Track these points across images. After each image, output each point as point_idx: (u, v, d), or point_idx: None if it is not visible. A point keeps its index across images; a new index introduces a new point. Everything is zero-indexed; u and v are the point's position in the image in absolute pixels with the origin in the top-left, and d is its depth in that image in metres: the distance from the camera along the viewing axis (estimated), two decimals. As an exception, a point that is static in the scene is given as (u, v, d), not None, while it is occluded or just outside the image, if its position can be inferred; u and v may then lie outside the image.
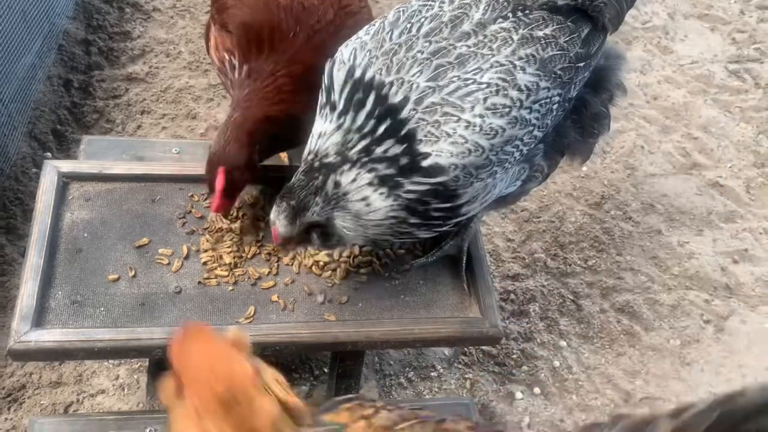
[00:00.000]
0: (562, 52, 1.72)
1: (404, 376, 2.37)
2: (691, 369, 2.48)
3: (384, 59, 1.65)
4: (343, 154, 1.64)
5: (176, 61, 3.20)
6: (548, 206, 2.91)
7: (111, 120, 2.94)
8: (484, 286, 1.97)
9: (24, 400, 2.14)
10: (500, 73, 1.63)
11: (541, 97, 1.68)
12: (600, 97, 1.96)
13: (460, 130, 1.60)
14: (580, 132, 1.94)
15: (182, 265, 1.88)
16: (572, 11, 1.79)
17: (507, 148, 1.67)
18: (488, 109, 1.61)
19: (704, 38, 3.77)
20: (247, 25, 2.01)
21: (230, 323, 1.79)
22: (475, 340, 2.05)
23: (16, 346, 1.66)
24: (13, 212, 2.57)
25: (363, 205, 1.66)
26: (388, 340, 1.86)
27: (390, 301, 1.92)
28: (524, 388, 2.38)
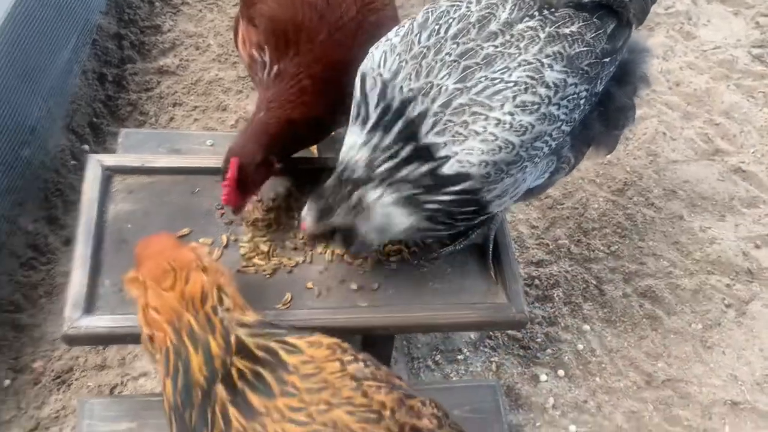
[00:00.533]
0: (589, 49, 1.76)
1: (432, 359, 2.45)
2: (712, 352, 2.54)
3: (413, 63, 1.70)
4: (370, 171, 1.72)
5: (206, 54, 3.28)
6: (572, 193, 2.96)
7: (144, 112, 3.04)
8: (510, 272, 2.04)
9: (72, 382, 2.25)
10: (528, 71, 1.69)
11: (569, 93, 1.73)
12: (625, 89, 2.01)
13: (491, 128, 1.66)
14: (605, 124, 1.99)
15: (222, 254, 1.97)
16: (597, 7, 1.83)
17: (536, 144, 1.73)
18: (517, 107, 1.67)
19: (727, 23, 3.77)
20: (273, 19, 2.05)
21: (268, 309, 1.88)
22: (502, 325, 2.13)
23: (69, 332, 1.76)
24: (55, 203, 2.67)
25: (385, 220, 1.75)
26: (419, 324, 1.93)
27: (419, 288, 2.00)
28: (548, 370, 2.45)
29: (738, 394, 2.44)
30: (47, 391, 2.23)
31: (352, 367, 1.49)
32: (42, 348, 2.32)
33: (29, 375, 2.25)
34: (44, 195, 2.67)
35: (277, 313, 1.86)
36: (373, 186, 1.73)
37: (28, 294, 2.43)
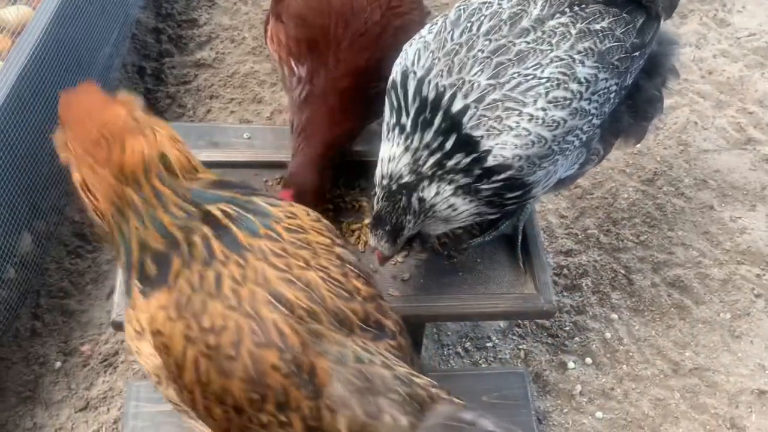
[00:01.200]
0: (619, 44, 1.80)
1: (461, 346, 2.51)
2: (740, 341, 2.56)
3: (446, 60, 1.75)
4: (417, 172, 1.74)
5: (241, 47, 3.36)
6: (601, 183, 2.99)
7: (182, 105, 3.13)
8: (538, 263, 2.09)
9: (118, 365, 2.37)
10: (560, 67, 1.73)
11: (600, 88, 1.77)
12: (653, 81, 2.04)
13: (524, 123, 1.70)
14: (633, 115, 2.02)
15: (259, 245, 2.06)
16: (627, 2, 1.86)
17: (568, 138, 1.77)
18: (550, 102, 1.71)
19: (763, 9, 3.72)
20: (301, 18, 2.11)
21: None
22: (531, 315, 2.18)
23: (118, 318, 1.86)
24: (99, 193, 2.79)
25: (450, 211, 1.79)
26: (449, 313, 2.00)
27: (449, 277, 2.06)
28: (576, 358, 2.50)
29: (765, 383, 2.46)
30: (95, 373, 2.35)
31: (341, 250, 1.48)
32: (90, 332, 2.44)
33: (78, 358, 2.38)
34: (89, 186, 2.79)
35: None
36: (428, 184, 1.76)
37: (76, 281, 2.55)
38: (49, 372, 2.33)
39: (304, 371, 1.31)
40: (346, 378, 1.32)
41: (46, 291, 2.49)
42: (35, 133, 2.42)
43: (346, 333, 1.37)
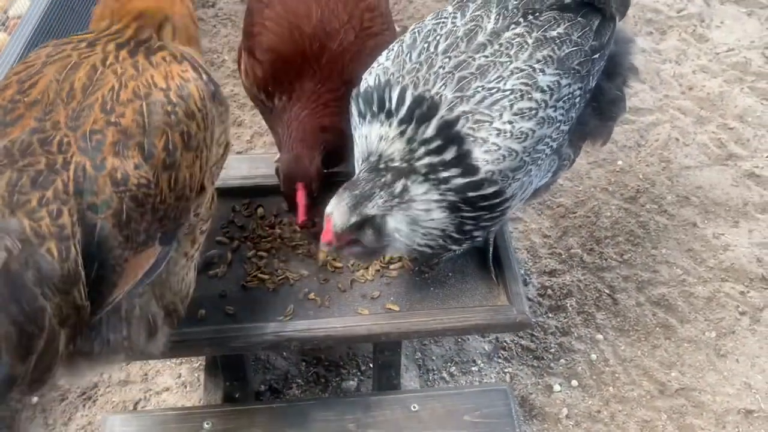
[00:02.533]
0: (578, 48, 1.80)
1: (446, 371, 2.49)
2: (726, 360, 2.54)
3: (410, 77, 1.74)
4: (410, 163, 1.71)
5: (220, 70, 3.35)
6: (584, 201, 2.98)
7: (162, 130, 3.10)
8: (510, 274, 2.06)
9: (97, 397, 2.33)
10: (522, 78, 1.72)
11: (564, 94, 1.77)
12: (615, 82, 2.04)
13: (492, 138, 1.69)
14: (599, 117, 2.03)
15: (227, 271, 2.03)
16: (581, 6, 1.87)
17: (539, 147, 1.76)
18: (516, 114, 1.70)
19: (741, 24, 3.76)
20: (273, 51, 2.11)
21: (272, 321, 1.93)
22: (504, 327, 2.14)
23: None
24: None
25: (424, 213, 1.74)
26: (419, 330, 1.96)
27: (420, 293, 2.03)
28: (562, 380, 2.48)
29: (752, 402, 2.44)
30: (73, 408, 2.30)
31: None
32: (67, 365, 2.39)
33: (56, 392, 2.33)
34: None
35: (279, 325, 1.91)
36: (420, 180, 1.72)
37: (53, 312, 2.51)
38: (26, 407, 2.29)
39: None
40: None
41: (22, 323, 2.45)
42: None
43: None
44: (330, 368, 2.45)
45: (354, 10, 2.12)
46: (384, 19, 2.22)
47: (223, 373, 2.13)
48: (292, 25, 2.10)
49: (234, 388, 2.16)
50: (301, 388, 2.39)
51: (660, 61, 3.54)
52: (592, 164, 3.11)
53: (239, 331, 1.89)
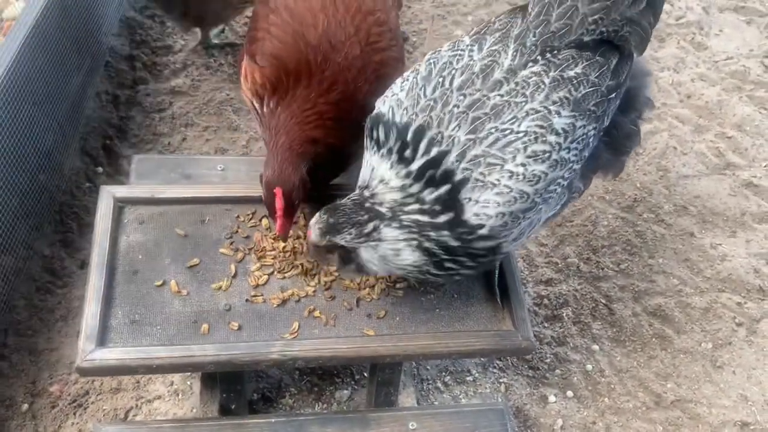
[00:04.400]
0: (595, 89, 1.77)
1: (441, 381, 2.47)
2: (722, 372, 2.53)
3: (423, 116, 1.72)
4: (395, 212, 1.73)
5: (217, 74, 3.33)
6: (581, 210, 2.97)
7: (157, 133, 3.08)
8: (516, 299, 2.06)
9: (88, 405, 2.30)
10: (537, 119, 1.69)
11: (578, 136, 1.74)
12: (630, 116, 2.02)
13: (504, 180, 1.67)
14: (612, 152, 2.01)
15: (231, 284, 2.01)
16: (599, 44, 1.84)
17: (550, 188, 1.75)
18: (529, 157, 1.68)
19: (740, 32, 3.75)
20: (274, 57, 2.09)
21: (276, 339, 1.92)
22: (509, 352, 2.15)
23: (83, 365, 1.81)
24: (70, 226, 2.73)
25: (393, 254, 1.77)
26: (424, 353, 1.96)
27: (426, 314, 2.02)
28: (557, 391, 2.46)
29: (748, 414, 2.43)
30: (64, 415, 2.28)
31: None
32: (59, 372, 2.37)
33: (46, 399, 2.30)
34: (60, 218, 2.73)
35: (285, 343, 1.90)
36: (395, 226, 1.74)
37: (45, 318, 2.48)
38: (16, 415, 2.26)
39: None
40: None
41: (13, 329, 2.42)
42: (1, 167, 2.36)
43: None
44: (323, 377, 2.43)
45: (362, 23, 2.10)
46: (393, 34, 2.19)
47: (220, 385, 2.10)
48: (297, 34, 2.07)
49: (230, 400, 2.13)
50: (294, 397, 2.37)
51: (658, 69, 3.52)
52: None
53: (244, 349, 1.87)
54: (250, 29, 2.25)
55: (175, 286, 1.97)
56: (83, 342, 1.83)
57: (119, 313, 1.92)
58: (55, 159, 2.76)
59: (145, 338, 1.87)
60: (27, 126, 2.52)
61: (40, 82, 2.61)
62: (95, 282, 1.94)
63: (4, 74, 2.37)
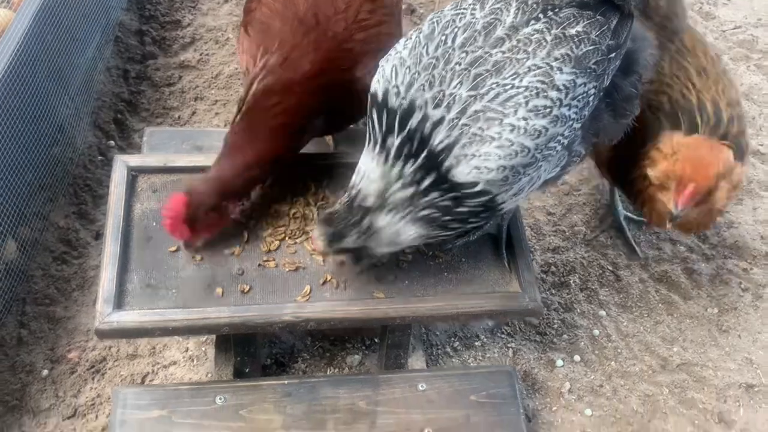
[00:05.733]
0: (595, 47, 1.79)
1: (450, 346, 2.51)
2: (728, 336, 2.56)
3: (425, 74, 1.74)
4: (383, 199, 1.79)
5: (225, 48, 3.35)
6: (588, 179, 2.99)
7: (167, 107, 3.12)
8: (523, 262, 2.09)
9: (105, 371, 2.36)
10: (538, 75, 1.71)
11: (579, 93, 1.76)
12: (630, 79, 2.03)
13: (506, 134, 1.70)
14: (612, 114, 2.02)
15: (243, 250, 2.05)
16: (600, 4, 1.85)
17: (550, 144, 1.77)
18: (530, 111, 1.70)
19: (748, 1, 3.73)
20: (262, 24, 2.10)
21: (289, 301, 1.96)
22: (516, 314, 2.18)
23: (101, 327, 1.86)
24: (84, 198, 2.78)
25: (394, 236, 1.83)
26: (433, 315, 2.00)
27: (434, 278, 2.06)
28: (565, 355, 2.50)
29: (753, 377, 2.47)
30: (83, 381, 2.34)
31: None
32: (77, 339, 2.43)
33: (65, 365, 2.36)
34: (74, 191, 2.77)
35: (297, 306, 1.94)
36: (386, 213, 1.80)
37: (62, 287, 2.54)
38: (36, 380, 2.32)
39: None
40: None
41: (31, 298, 2.48)
42: (17, 140, 2.40)
43: None
44: (335, 343, 2.48)
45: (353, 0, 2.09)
46: (388, 10, 2.19)
47: (234, 348, 2.16)
48: (287, 3, 2.08)
49: (244, 363, 2.19)
50: (306, 362, 2.42)
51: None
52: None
53: (258, 311, 1.92)
54: (246, 1, 2.26)
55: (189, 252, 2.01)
56: (101, 305, 1.88)
57: (135, 278, 1.96)
58: (68, 133, 2.80)
59: (160, 301, 1.92)
60: (39, 100, 2.56)
61: (51, 57, 2.64)
62: (111, 248, 1.98)
63: (16, 49, 2.41)
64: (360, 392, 2.11)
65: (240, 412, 2.04)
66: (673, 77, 2.36)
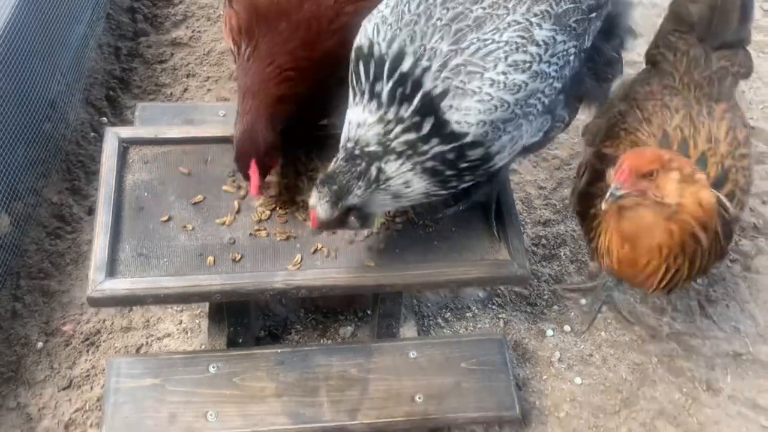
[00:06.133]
0: (575, 5, 1.81)
1: (441, 317, 2.54)
2: (717, 306, 2.59)
3: (407, 30, 1.75)
4: (385, 145, 1.75)
5: (216, 25, 3.34)
6: (579, 153, 3.00)
7: (159, 84, 3.12)
8: (512, 230, 2.11)
9: (100, 343, 2.38)
10: (518, 31, 1.73)
11: (559, 51, 1.78)
12: (612, 43, 2.05)
13: (486, 88, 1.71)
14: (595, 78, 2.04)
15: (234, 219, 2.07)
16: None
17: (530, 101, 1.78)
18: (510, 66, 1.72)
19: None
20: (251, 2, 2.09)
21: (280, 269, 1.98)
22: (505, 280, 2.20)
23: (94, 294, 1.88)
24: (77, 174, 2.79)
25: (404, 187, 1.80)
26: (423, 282, 2.02)
27: (424, 246, 2.08)
28: (555, 326, 2.53)
29: (741, 346, 2.50)
30: (77, 353, 2.36)
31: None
32: (71, 312, 2.45)
33: (60, 338, 2.38)
34: (67, 167, 2.78)
35: (288, 273, 1.96)
36: (394, 158, 1.76)
37: (56, 262, 2.55)
38: (32, 352, 2.34)
39: None
40: None
41: (26, 272, 2.49)
42: (8, 115, 2.41)
43: None
44: (328, 315, 2.50)
45: None
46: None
47: (227, 318, 2.18)
48: None
49: (237, 334, 2.21)
50: (299, 334, 2.45)
51: (656, 14, 3.50)
52: (587, 116, 3.12)
53: (249, 278, 1.94)
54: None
55: (181, 222, 2.03)
56: (93, 273, 1.90)
57: (127, 247, 1.98)
58: (60, 109, 2.80)
59: (152, 270, 1.94)
60: (30, 75, 2.57)
61: (42, 32, 2.64)
62: (103, 218, 2.00)
63: (6, 24, 2.41)
64: (352, 360, 2.14)
65: (233, 380, 2.07)
66: (678, 129, 2.09)
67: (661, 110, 2.14)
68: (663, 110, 2.13)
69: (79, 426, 2.21)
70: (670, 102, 2.15)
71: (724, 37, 2.25)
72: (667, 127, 2.09)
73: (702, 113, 2.12)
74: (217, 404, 2.02)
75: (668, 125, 2.09)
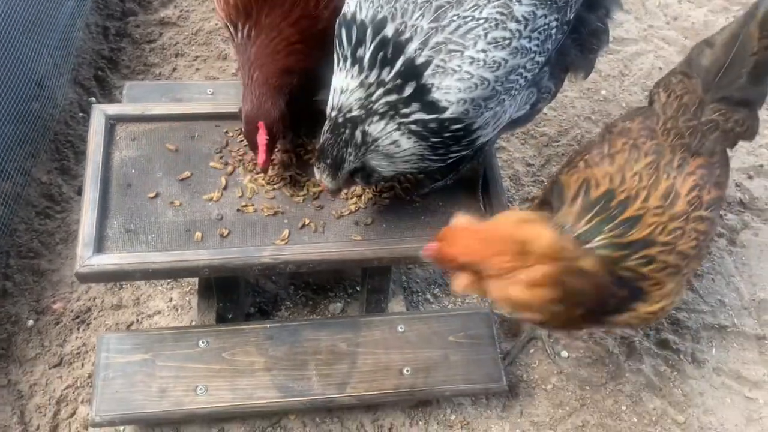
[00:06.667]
0: None
1: (430, 293, 2.56)
2: (702, 279, 2.62)
3: (388, 7, 1.75)
4: (368, 108, 1.77)
5: (204, 4, 3.33)
6: (567, 130, 3.01)
7: (148, 64, 3.11)
8: (498, 205, 2.13)
9: (90, 321, 2.40)
10: (497, 7, 1.73)
11: (539, 25, 1.78)
12: (596, 13, 2.04)
13: (466, 66, 1.72)
14: (580, 48, 2.04)
15: (222, 195, 2.08)
16: None
17: (511, 77, 1.78)
18: (489, 43, 1.72)
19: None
20: None
21: (267, 245, 1.99)
22: (491, 255, 2.21)
23: (82, 270, 1.89)
24: (66, 154, 2.78)
25: (393, 147, 1.82)
26: (410, 255, 2.03)
27: (411, 221, 2.10)
28: (542, 300, 2.55)
29: (726, 318, 2.53)
30: (68, 330, 2.37)
31: None
32: (61, 290, 2.46)
33: (50, 316, 2.39)
34: (55, 147, 2.78)
35: (275, 248, 1.97)
36: (377, 120, 1.78)
37: (46, 241, 2.56)
38: (22, 330, 2.35)
39: None
40: None
41: (15, 251, 2.50)
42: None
43: None
44: (318, 291, 2.52)
45: None
46: None
47: (216, 294, 2.19)
48: None
49: (227, 310, 2.23)
50: (289, 310, 2.47)
51: None
52: (575, 93, 3.13)
53: (236, 253, 1.95)
54: None
55: (168, 198, 2.04)
56: (81, 249, 1.90)
57: (115, 224, 1.99)
58: (48, 88, 2.79)
59: (140, 245, 1.95)
60: (16, 53, 2.55)
61: (28, 9, 2.63)
62: (91, 194, 2.01)
63: (-8, -1, 2.40)
64: (341, 335, 2.16)
65: (222, 355, 2.09)
66: (637, 176, 1.87)
67: (630, 150, 1.93)
68: (632, 151, 1.92)
69: (71, 402, 2.23)
70: (642, 144, 1.94)
71: (729, 91, 2.05)
72: (627, 171, 1.88)
73: (671, 164, 1.90)
74: (207, 378, 2.04)
75: (629, 169, 1.88)
